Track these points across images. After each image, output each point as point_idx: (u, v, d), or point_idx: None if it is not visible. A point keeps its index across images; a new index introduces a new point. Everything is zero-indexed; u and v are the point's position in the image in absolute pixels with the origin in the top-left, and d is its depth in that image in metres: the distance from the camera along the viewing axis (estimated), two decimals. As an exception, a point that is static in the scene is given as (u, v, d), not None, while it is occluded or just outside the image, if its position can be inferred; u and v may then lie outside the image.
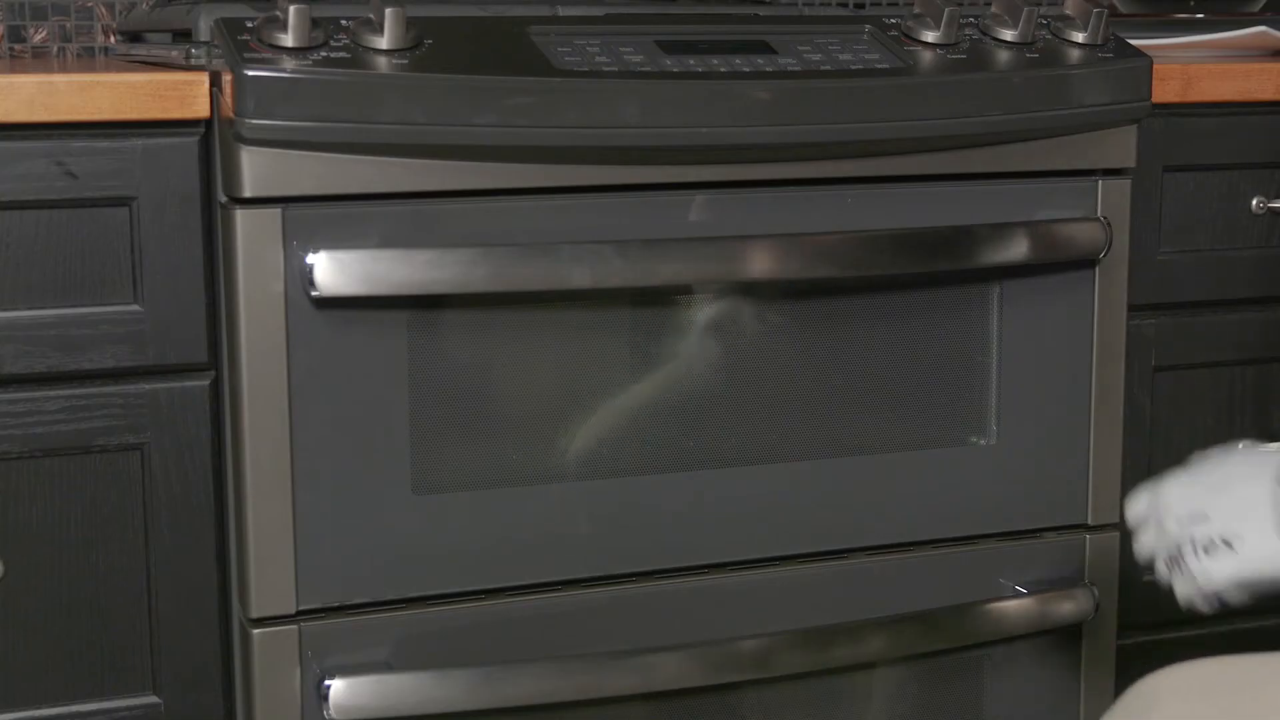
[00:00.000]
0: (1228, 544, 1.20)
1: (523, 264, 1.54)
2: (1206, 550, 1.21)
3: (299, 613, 1.55)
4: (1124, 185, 1.76)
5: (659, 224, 1.59)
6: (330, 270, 1.48)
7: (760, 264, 1.61)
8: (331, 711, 1.53)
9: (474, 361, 1.58)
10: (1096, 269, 1.75)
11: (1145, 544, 1.27)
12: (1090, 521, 1.80)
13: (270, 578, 1.53)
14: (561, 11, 1.68)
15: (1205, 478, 1.25)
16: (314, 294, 1.49)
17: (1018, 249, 1.69)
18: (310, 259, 1.48)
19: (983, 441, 1.76)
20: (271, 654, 1.54)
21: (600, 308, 1.62)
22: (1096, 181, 1.75)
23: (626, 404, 1.64)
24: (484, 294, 1.55)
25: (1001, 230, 1.68)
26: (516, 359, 1.60)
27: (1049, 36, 1.71)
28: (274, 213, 1.48)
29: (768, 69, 1.59)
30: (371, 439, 1.54)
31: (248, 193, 1.47)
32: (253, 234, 1.48)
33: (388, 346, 1.54)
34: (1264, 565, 1.19)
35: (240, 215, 1.48)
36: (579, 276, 1.55)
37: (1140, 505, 1.28)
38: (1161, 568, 1.26)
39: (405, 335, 1.54)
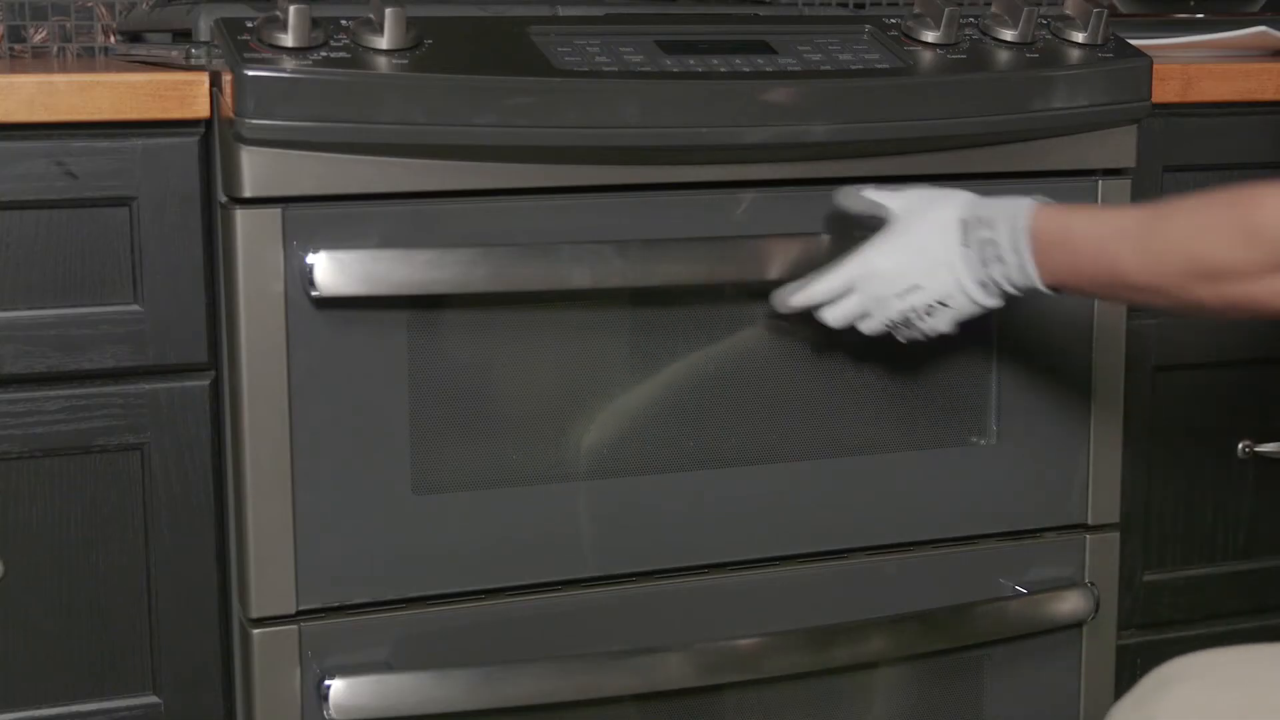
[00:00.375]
0: (943, 304, 1.49)
1: (523, 264, 1.54)
2: (928, 313, 1.50)
3: (299, 613, 1.55)
4: (1124, 185, 1.75)
5: (659, 224, 1.59)
6: (330, 270, 1.48)
7: (761, 264, 1.61)
8: (331, 711, 1.53)
9: (474, 361, 1.58)
10: (1096, 269, 1.75)
11: (849, 309, 1.53)
12: (1090, 521, 1.80)
13: (270, 578, 1.53)
14: (561, 11, 1.68)
15: (903, 242, 1.50)
16: (314, 294, 1.49)
17: (1018, 249, 1.68)
18: (310, 259, 1.48)
19: (983, 441, 1.75)
20: (271, 654, 1.54)
21: (600, 308, 1.62)
22: (1096, 181, 1.74)
23: (626, 404, 1.64)
24: (484, 294, 1.55)
25: (1001, 230, 1.68)
26: (516, 359, 1.60)
27: (1049, 36, 1.71)
28: (274, 213, 1.48)
29: (768, 69, 1.59)
30: (371, 439, 1.54)
31: (248, 193, 1.47)
32: (253, 234, 1.48)
33: (388, 346, 1.54)
34: (972, 311, 1.49)
35: (240, 215, 1.48)
36: (579, 276, 1.55)
37: (841, 279, 1.52)
38: (875, 325, 1.53)
39: (405, 335, 1.54)
